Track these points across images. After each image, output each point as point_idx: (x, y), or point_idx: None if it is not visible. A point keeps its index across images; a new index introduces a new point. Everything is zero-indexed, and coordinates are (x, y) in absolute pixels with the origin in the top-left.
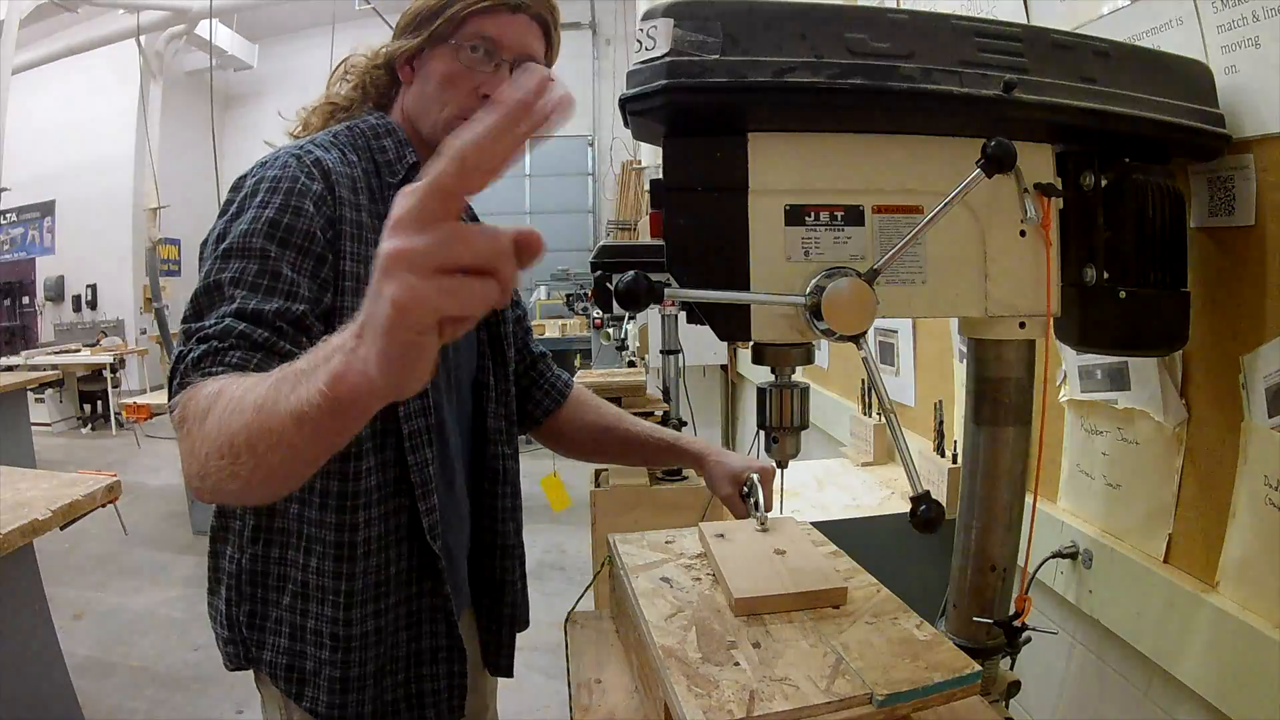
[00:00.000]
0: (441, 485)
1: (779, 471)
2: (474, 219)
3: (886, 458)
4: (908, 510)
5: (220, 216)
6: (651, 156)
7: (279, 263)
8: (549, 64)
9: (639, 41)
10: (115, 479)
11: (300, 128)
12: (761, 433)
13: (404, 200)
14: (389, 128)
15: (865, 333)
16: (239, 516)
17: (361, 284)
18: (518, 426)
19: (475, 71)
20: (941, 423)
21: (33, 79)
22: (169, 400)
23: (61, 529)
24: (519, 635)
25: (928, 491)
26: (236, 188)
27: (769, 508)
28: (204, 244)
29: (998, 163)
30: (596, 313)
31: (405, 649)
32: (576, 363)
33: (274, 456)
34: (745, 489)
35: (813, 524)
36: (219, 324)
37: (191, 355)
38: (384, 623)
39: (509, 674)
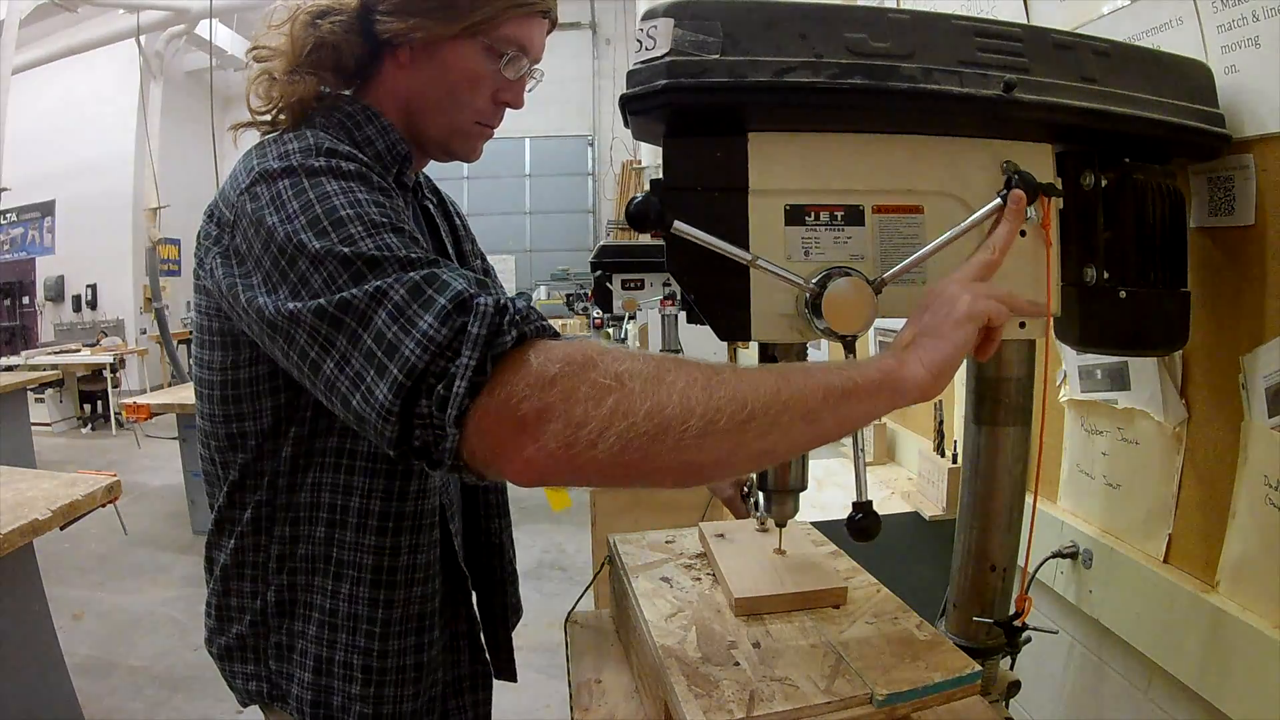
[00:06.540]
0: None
1: None
2: (439, 196)
3: (886, 458)
4: (906, 510)
5: (275, 210)
6: (651, 156)
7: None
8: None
9: (639, 41)
10: (115, 479)
11: (269, 106)
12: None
13: (974, 263)
14: (369, 114)
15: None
16: (262, 548)
17: None
18: None
19: (500, 76)
20: (941, 423)
21: (33, 79)
22: (498, 337)
23: (61, 529)
24: (518, 635)
25: (870, 501)
26: (289, 178)
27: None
28: (257, 236)
29: (1031, 190)
30: (596, 313)
31: (440, 684)
32: None
33: (794, 427)
34: (745, 489)
35: (813, 524)
36: (490, 286)
37: (517, 306)
38: (426, 658)
39: (512, 677)
